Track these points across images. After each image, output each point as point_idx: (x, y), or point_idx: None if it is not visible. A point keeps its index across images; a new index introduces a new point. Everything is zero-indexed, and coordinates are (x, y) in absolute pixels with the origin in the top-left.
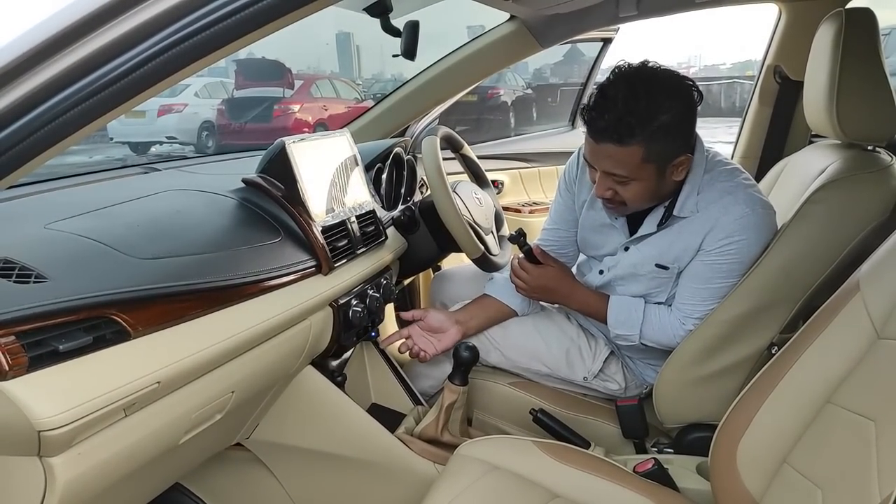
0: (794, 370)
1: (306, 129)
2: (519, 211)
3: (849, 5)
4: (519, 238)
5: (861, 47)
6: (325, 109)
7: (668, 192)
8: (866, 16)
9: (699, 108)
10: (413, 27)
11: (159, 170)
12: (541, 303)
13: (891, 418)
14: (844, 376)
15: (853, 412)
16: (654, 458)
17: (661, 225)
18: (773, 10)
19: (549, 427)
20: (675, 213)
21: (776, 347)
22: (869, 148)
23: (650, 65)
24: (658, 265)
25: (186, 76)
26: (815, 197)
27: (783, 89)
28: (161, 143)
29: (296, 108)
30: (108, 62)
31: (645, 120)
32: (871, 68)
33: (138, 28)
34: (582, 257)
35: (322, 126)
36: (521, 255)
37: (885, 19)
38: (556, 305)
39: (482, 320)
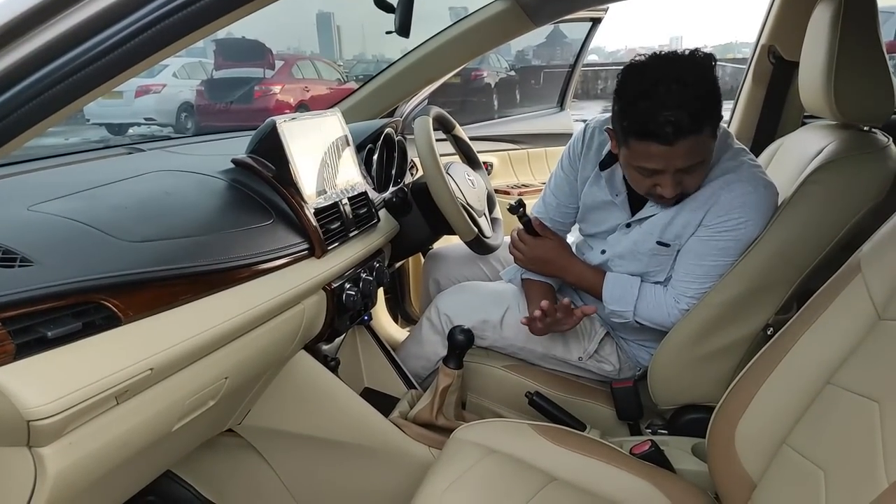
0: (794, 351)
1: (288, 111)
2: (508, 193)
3: None
4: (518, 209)
5: (859, 27)
6: (307, 91)
7: None
8: None
9: None
10: (408, 3)
11: (144, 150)
12: None
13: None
14: (845, 357)
15: (855, 393)
16: (651, 440)
17: None
18: None
19: (545, 410)
20: None
21: (771, 329)
22: (865, 129)
23: (662, 53)
24: (659, 242)
25: (170, 54)
26: (813, 178)
27: (777, 70)
28: (139, 124)
29: (277, 88)
30: (90, 38)
31: (709, 101)
32: (869, 48)
33: (121, 3)
34: (580, 238)
35: (304, 107)
36: (521, 226)
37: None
38: None
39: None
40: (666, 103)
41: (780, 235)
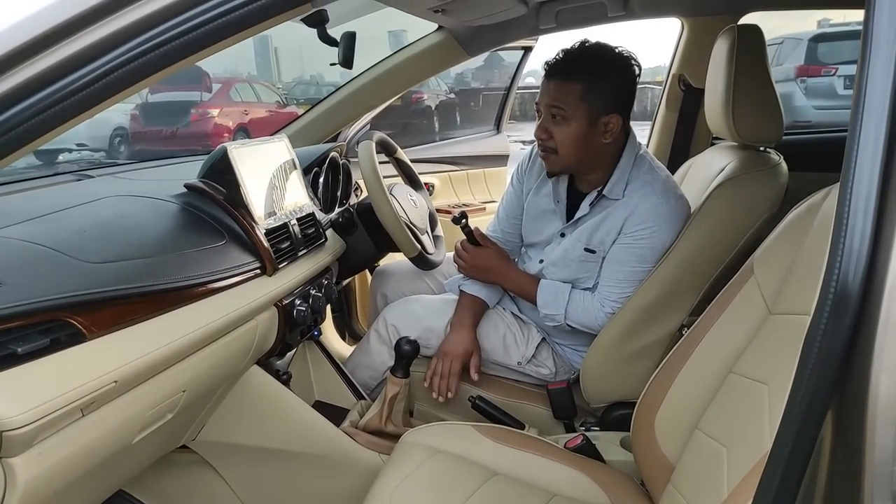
0: (701, 347)
1: (227, 135)
2: (449, 212)
3: (741, 21)
4: (461, 220)
5: (751, 59)
6: (246, 114)
7: (595, 157)
8: (755, 31)
9: None
10: (350, 37)
11: (92, 177)
12: None
13: (780, 380)
14: (743, 349)
15: (750, 379)
16: (583, 435)
17: (593, 205)
18: (676, 23)
19: (487, 412)
20: (605, 193)
21: (686, 329)
22: (761, 149)
23: (598, 42)
24: (587, 249)
25: (170, 73)
26: (716, 193)
27: (687, 96)
28: (70, 150)
29: (215, 112)
30: (73, 71)
31: (589, 66)
32: (760, 77)
33: (112, 34)
34: (522, 249)
35: (243, 131)
36: (464, 236)
37: (776, 29)
38: None
39: (473, 318)
40: (558, 55)
41: (690, 245)
